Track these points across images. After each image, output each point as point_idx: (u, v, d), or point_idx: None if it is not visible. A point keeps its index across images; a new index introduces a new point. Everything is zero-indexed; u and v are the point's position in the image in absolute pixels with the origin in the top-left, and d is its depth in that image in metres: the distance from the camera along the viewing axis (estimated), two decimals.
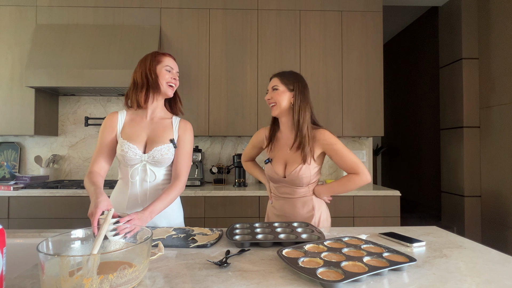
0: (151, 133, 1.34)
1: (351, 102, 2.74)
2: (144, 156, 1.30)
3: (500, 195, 2.88)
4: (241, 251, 1.00)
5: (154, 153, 1.30)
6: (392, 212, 2.46)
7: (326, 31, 2.75)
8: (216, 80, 2.70)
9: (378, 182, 5.87)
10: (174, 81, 1.35)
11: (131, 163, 1.31)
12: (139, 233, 0.92)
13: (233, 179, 2.87)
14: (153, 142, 1.32)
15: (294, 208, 1.45)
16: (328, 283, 0.73)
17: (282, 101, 1.39)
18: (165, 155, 1.31)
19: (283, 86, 1.40)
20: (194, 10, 2.71)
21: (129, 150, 1.29)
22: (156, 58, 1.35)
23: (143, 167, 1.32)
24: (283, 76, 1.42)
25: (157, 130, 1.35)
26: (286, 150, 1.44)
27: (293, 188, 1.43)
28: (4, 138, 2.89)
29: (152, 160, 1.30)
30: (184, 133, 1.38)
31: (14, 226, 2.32)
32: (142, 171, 1.32)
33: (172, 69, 1.37)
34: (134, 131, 1.33)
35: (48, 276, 0.67)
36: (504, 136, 2.84)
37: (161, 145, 1.31)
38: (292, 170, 1.38)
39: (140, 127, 1.34)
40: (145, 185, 1.33)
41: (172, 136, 1.35)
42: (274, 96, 1.41)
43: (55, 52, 2.51)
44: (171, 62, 1.37)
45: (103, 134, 1.34)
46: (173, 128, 1.37)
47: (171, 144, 1.33)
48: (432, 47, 4.20)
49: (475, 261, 0.93)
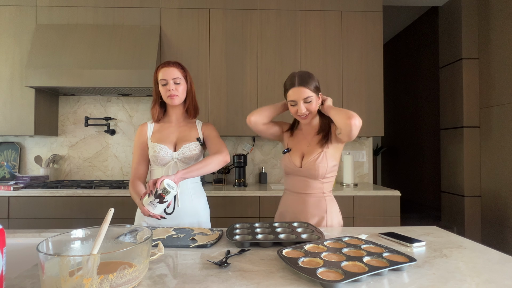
0: (179, 134, 1.48)
1: (351, 102, 2.74)
2: (175, 154, 1.42)
3: (500, 195, 2.88)
4: (241, 251, 1.00)
5: (184, 150, 1.42)
6: (392, 212, 2.46)
7: (326, 31, 2.75)
8: (216, 80, 2.70)
9: (378, 182, 5.87)
10: (171, 92, 1.40)
11: (163, 162, 1.42)
12: (139, 233, 0.92)
13: (233, 179, 2.87)
14: (182, 141, 1.45)
15: (305, 207, 1.42)
16: (328, 283, 0.73)
17: (316, 109, 1.40)
18: (193, 151, 1.44)
19: (314, 94, 1.37)
20: (194, 10, 2.71)
21: (161, 150, 1.41)
22: (156, 73, 1.45)
23: (175, 165, 1.42)
24: (308, 83, 1.35)
25: (184, 131, 1.49)
26: (305, 144, 1.45)
27: (308, 181, 1.41)
28: (4, 138, 2.89)
29: (182, 156, 1.42)
30: (207, 129, 1.51)
31: (14, 226, 2.32)
32: (174, 168, 1.42)
33: (167, 80, 1.40)
34: (163, 135, 1.46)
35: (48, 276, 0.67)
36: (504, 136, 2.84)
37: (190, 142, 1.44)
38: (310, 159, 1.39)
39: (169, 131, 1.48)
40: None
41: (198, 135, 1.49)
42: (309, 107, 1.36)
43: (55, 52, 2.51)
44: (165, 73, 1.41)
45: (137, 144, 1.49)
46: (197, 129, 1.51)
47: (198, 142, 1.46)
48: (432, 47, 4.21)
49: (475, 261, 0.93)
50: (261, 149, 3.02)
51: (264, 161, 3.02)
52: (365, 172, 3.07)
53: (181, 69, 1.44)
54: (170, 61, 1.44)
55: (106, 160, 2.93)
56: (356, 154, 3.04)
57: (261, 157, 3.02)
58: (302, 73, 1.39)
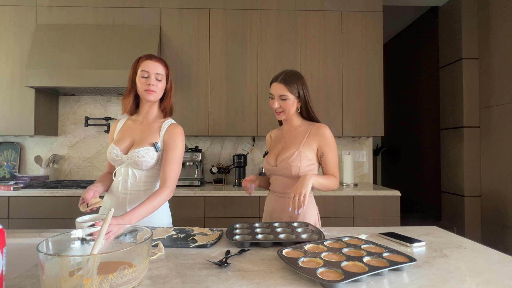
0: (137, 136, 1.38)
1: (351, 102, 2.74)
2: (124, 157, 1.35)
3: (500, 195, 2.88)
4: (241, 251, 1.00)
5: (132, 155, 1.32)
6: (392, 212, 2.46)
7: (326, 31, 2.75)
8: (216, 80, 2.70)
9: (378, 182, 5.87)
10: (150, 86, 1.33)
11: (115, 164, 1.38)
12: (139, 233, 0.92)
13: (233, 179, 2.87)
14: (136, 145, 1.35)
15: (282, 207, 1.43)
16: (328, 283, 0.73)
17: (291, 109, 1.42)
18: (142, 157, 1.31)
19: (292, 95, 1.38)
20: (194, 10, 2.71)
21: (112, 152, 1.36)
22: (137, 63, 1.39)
23: (126, 168, 1.36)
24: (289, 83, 1.38)
25: (144, 133, 1.38)
26: (282, 143, 1.48)
27: (285, 180, 1.42)
28: (4, 138, 2.89)
29: (131, 161, 1.33)
30: (170, 137, 1.36)
31: (14, 226, 2.32)
32: (124, 172, 1.36)
33: (150, 73, 1.33)
34: (123, 136, 1.40)
35: (48, 276, 0.67)
36: (504, 136, 2.84)
37: (141, 147, 1.33)
38: (283, 158, 1.40)
39: (130, 131, 1.41)
40: (126, 185, 1.36)
41: (157, 139, 1.36)
42: (283, 105, 1.39)
43: (55, 52, 2.51)
44: (149, 66, 1.34)
45: (109, 141, 1.47)
46: (159, 132, 1.38)
47: (152, 148, 1.34)
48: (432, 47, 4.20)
49: (475, 261, 0.93)
50: (261, 149, 3.02)
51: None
52: (365, 172, 3.07)
53: (164, 67, 1.39)
54: (155, 55, 1.40)
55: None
56: (356, 154, 3.04)
57: (261, 157, 3.02)
58: (290, 73, 1.42)
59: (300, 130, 1.46)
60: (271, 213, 1.48)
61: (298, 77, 1.41)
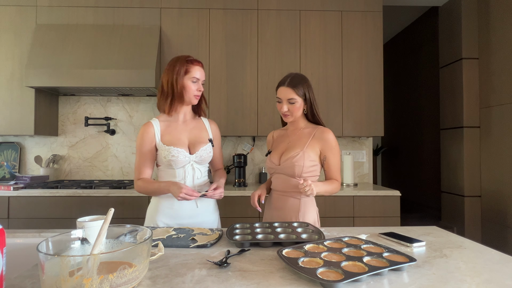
0: (189, 134, 1.46)
1: (351, 102, 2.74)
2: (192, 157, 1.42)
3: (500, 195, 2.88)
4: (241, 251, 1.00)
5: (201, 153, 1.44)
6: (392, 212, 2.46)
7: (326, 31, 2.75)
8: (216, 80, 2.70)
9: (378, 182, 5.87)
10: (199, 92, 1.44)
11: (180, 165, 1.41)
12: (139, 233, 0.92)
13: (233, 179, 2.87)
14: (196, 143, 1.45)
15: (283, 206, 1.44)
16: (328, 283, 0.73)
17: (298, 112, 1.44)
18: (209, 153, 1.47)
19: (299, 98, 1.41)
20: (194, 10, 2.71)
21: (179, 154, 1.39)
22: (184, 67, 1.40)
23: (191, 167, 1.43)
24: (296, 86, 1.40)
25: (195, 132, 1.48)
26: (286, 143, 1.49)
27: (287, 179, 1.43)
28: (4, 138, 2.89)
29: (199, 159, 1.44)
30: (215, 131, 1.56)
31: (14, 226, 2.32)
32: (191, 170, 1.43)
33: (199, 80, 1.43)
34: (173, 137, 1.43)
35: (48, 276, 0.67)
36: (504, 136, 2.84)
37: (205, 145, 1.46)
38: (288, 157, 1.42)
39: (178, 132, 1.45)
40: (195, 181, 1.45)
41: (209, 135, 1.51)
42: (291, 108, 1.42)
43: (55, 52, 2.51)
44: (198, 73, 1.43)
45: (142, 146, 1.42)
46: (207, 129, 1.52)
47: (210, 143, 1.49)
48: (432, 47, 4.21)
49: (475, 261, 0.93)
50: (261, 149, 3.02)
51: (264, 161, 3.02)
52: (365, 172, 3.07)
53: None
54: (198, 60, 1.46)
55: (106, 160, 2.93)
56: (356, 154, 3.04)
57: (261, 157, 3.02)
58: (296, 76, 1.44)
59: (305, 132, 1.47)
60: (272, 211, 1.49)
61: (303, 80, 1.44)
